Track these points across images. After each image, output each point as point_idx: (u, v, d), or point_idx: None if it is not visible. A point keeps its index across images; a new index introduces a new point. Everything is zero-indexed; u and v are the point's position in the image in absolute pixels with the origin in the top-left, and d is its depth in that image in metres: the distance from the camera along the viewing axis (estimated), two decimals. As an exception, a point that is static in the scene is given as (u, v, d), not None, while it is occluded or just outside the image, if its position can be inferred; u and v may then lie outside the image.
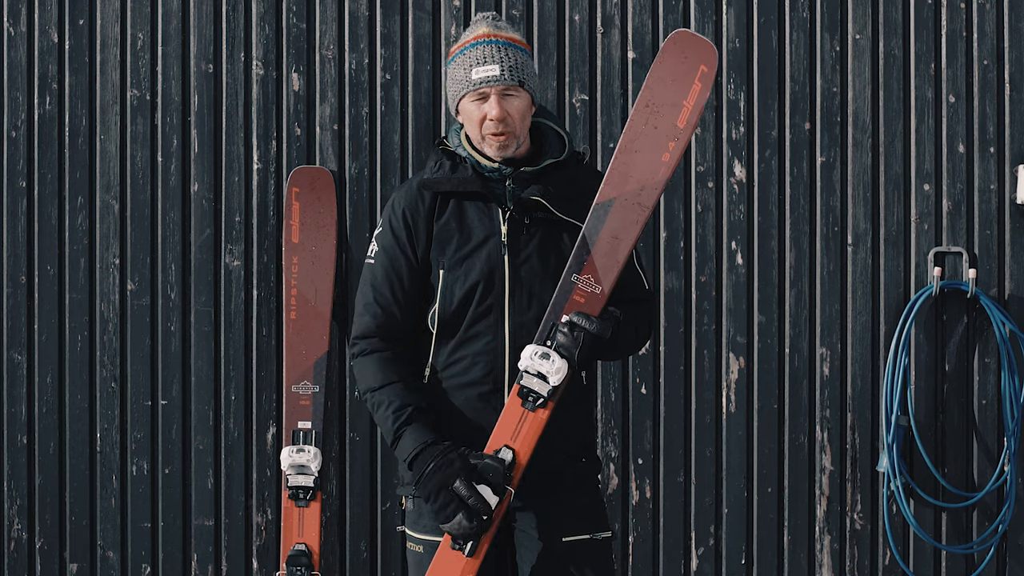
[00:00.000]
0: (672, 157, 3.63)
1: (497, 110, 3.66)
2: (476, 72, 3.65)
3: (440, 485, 3.58)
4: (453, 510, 3.57)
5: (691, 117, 3.63)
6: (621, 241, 3.63)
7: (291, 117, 5.32)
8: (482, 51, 3.66)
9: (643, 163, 3.64)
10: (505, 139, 3.69)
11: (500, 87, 3.65)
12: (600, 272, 3.64)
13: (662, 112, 3.64)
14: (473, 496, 3.57)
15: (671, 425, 5.31)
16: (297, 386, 5.23)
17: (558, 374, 3.60)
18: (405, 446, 3.65)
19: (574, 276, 3.64)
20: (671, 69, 3.65)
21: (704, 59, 3.63)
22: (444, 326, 3.73)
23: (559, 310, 3.64)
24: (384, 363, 3.73)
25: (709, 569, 5.32)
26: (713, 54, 3.64)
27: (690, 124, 3.63)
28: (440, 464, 3.59)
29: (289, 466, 5.19)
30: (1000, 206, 5.30)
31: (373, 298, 3.76)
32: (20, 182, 5.35)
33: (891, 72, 5.32)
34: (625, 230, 3.64)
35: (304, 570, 5.12)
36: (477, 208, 3.74)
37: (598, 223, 3.64)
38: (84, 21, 5.35)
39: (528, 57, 3.71)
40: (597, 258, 3.64)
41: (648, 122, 3.65)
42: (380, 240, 3.79)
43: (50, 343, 5.33)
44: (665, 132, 3.63)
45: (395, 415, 3.67)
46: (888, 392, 5.24)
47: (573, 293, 3.64)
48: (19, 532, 5.35)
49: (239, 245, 5.32)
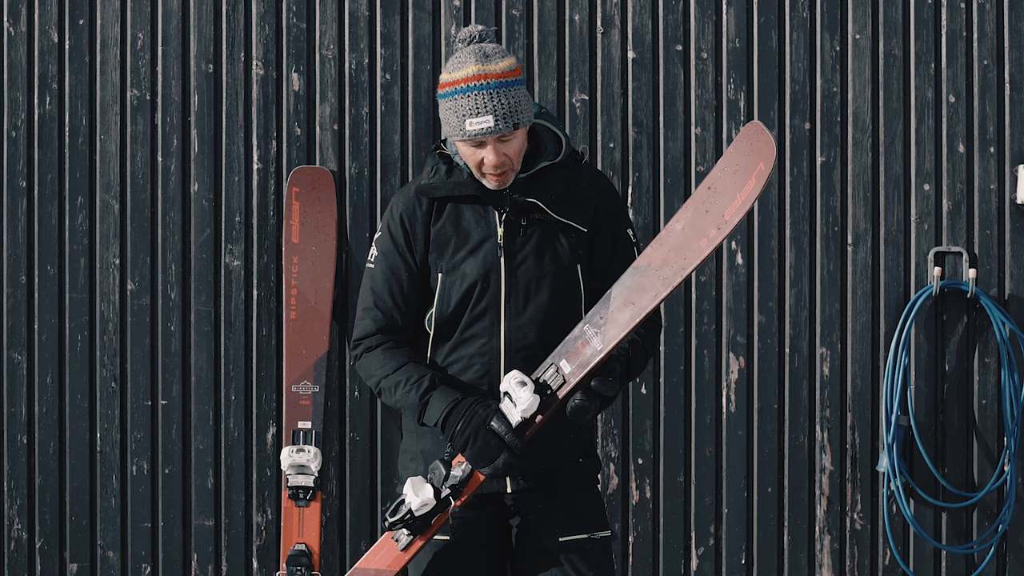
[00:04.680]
0: (708, 244, 3.55)
1: (494, 157, 3.64)
2: (470, 123, 3.61)
3: (477, 428, 3.58)
4: (496, 449, 3.57)
5: (738, 212, 3.53)
6: (635, 309, 3.59)
7: (291, 117, 5.33)
8: (474, 100, 3.61)
9: (682, 242, 3.57)
10: (504, 177, 3.69)
11: (496, 136, 3.64)
12: (608, 332, 3.61)
13: (717, 199, 3.56)
14: (509, 432, 3.57)
15: (671, 425, 5.31)
16: (297, 386, 5.24)
17: (525, 404, 3.58)
18: (435, 408, 3.65)
19: (587, 327, 3.62)
20: (737, 159, 3.56)
21: (763, 157, 3.52)
22: (441, 328, 3.73)
23: (563, 353, 3.63)
24: (392, 352, 3.75)
25: (709, 569, 5.32)
26: (772, 153, 3.51)
27: (735, 219, 3.53)
28: (473, 411, 3.60)
29: (289, 466, 5.19)
30: (1000, 206, 5.30)
31: (373, 302, 3.77)
32: (20, 182, 5.35)
33: (891, 72, 5.32)
34: (642, 300, 3.58)
35: (304, 570, 5.13)
36: (474, 211, 3.74)
37: (625, 285, 3.61)
38: (84, 21, 5.35)
39: (521, 87, 3.65)
40: (611, 318, 3.60)
41: (703, 205, 3.57)
42: (379, 245, 3.80)
43: (50, 343, 5.34)
44: (713, 219, 3.55)
45: (417, 386, 3.67)
46: (888, 392, 5.24)
47: (580, 342, 3.63)
48: (19, 532, 5.35)
49: (239, 245, 5.33)
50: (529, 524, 3.74)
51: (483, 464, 3.59)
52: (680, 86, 5.32)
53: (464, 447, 3.61)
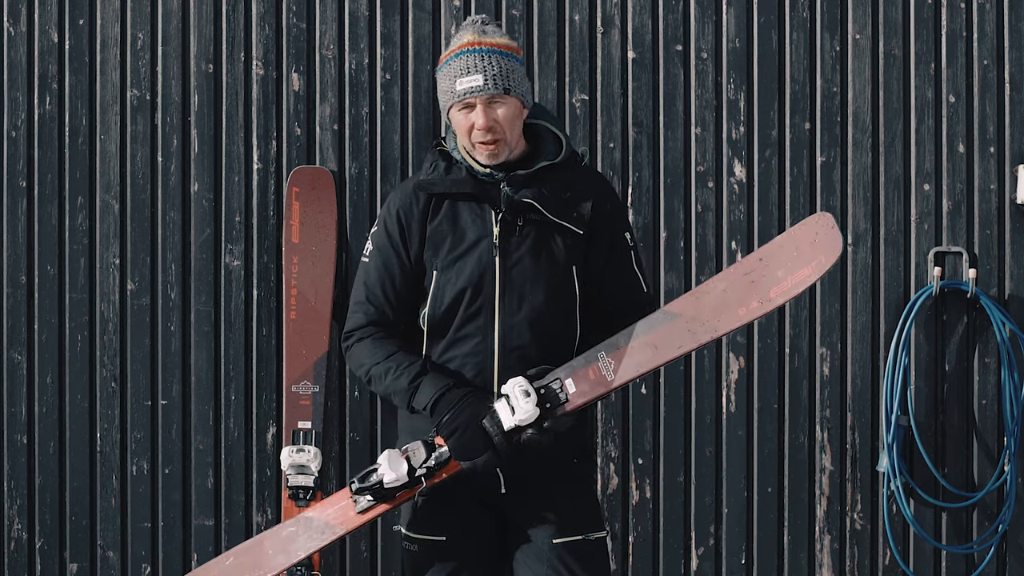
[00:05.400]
0: (746, 315, 3.55)
1: (483, 119, 3.65)
2: (460, 83, 3.65)
3: (468, 421, 3.59)
4: (481, 448, 3.59)
5: (784, 294, 3.53)
6: (657, 353, 3.58)
7: (291, 117, 5.33)
8: (466, 61, 3.65)
9: (720, 305, 3.57)
10: (495, 147, 3.68)
11: (485, 96, 3.65)
12: (623, 366, 3.60)
13: (767, 274, 3.56)
14: (499, 434, 3.59)
15: (671, 425, 5.31)
16: (297, 386, 5.24)
17: (524, 415, 3.59)
18: (425, 392, 3.65)
19: (601, 353, 3.62)
20: (799, 243, 3.55)
21: (827, 253, 3.51)
22: (435, 327, 3.73)
23: (571, 371, 3.64)
24: (381, 341, 3.75)
25: (709, 569, 5.32)
26: (837, 253, 3.51)
27: (779, 299, 3.54)
28: (467, 402, 3.61)
29: (289, 466, 5.19)
30: (1000, 206, 5.30)
31: (365, 296, 3.78)
32: (20, 182, 5.35)
33: (891, 72, 5.31)
34: (665, 347, 3.58)
35: (304, 570, 5.13)
36: (471, 210, 3.74)
37: (653, 325, 3.60)
38: (84, 21, 5.35)
39: (516, 62, 3.69)
40: (629, 353, 3.60)
41: (750, 274, 3.57)
42: (375, 239, 3.80)
43: (50, 343, 5.34)
44: (757, 292, 3.55)
45: (407, 371, 3.68)
46: (888, 392, 5.24)
47: (591, 366, 3.62)
48: (19, 532, 5.36)
49: (239, 245, 5.33)
50: (524, 525, 3.74)
51: (464, 458, 3.61)
52: (680, 86, 5.32)
53: (450, 436, 3.61)
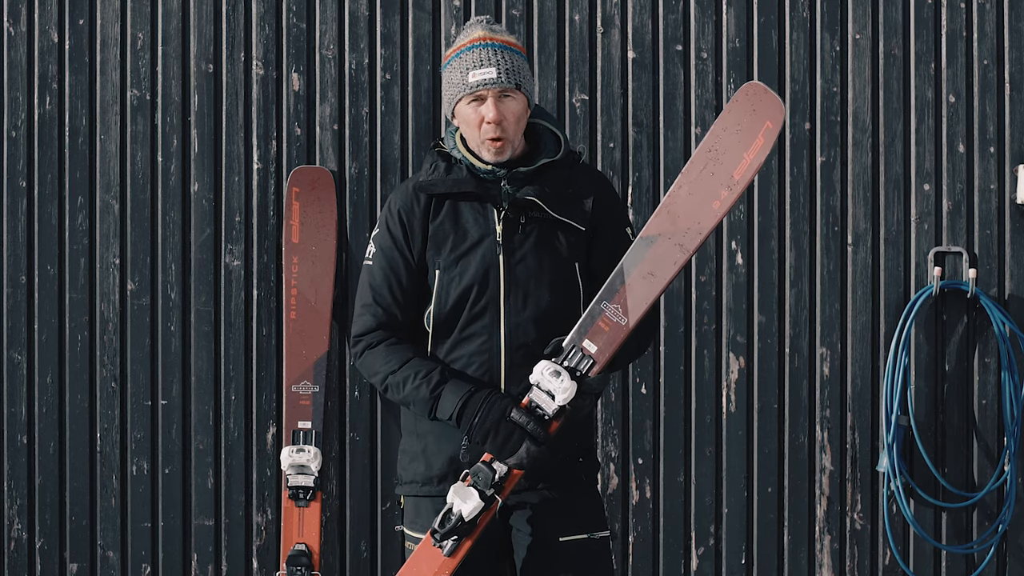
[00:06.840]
0: (722, 206, 3.58)
1: (494, 112, 3.66)
2: (472, 75, 3.66)
3: (497, 420, 3.59)
4: (518, 440, 3.58)
5: (748, 171, 3.57)
6: (656, 279, 3.60)
7: (291, 117, 5.33)
8: (478, 54, 3.67)
9: (693, 207, 3.60)
10: (502, 145, 3.70)
11: (497, 90, 3.66)
12: (629, 305, 3.61)
13: (722, 160, 3.59)
14: (532, 422, 3.57)
15: (671, 425, 5.31)
16: (297, 386, 5.24)
17: (565, 393, 3.59)
18: (448, 400, 3.64)
19: (604, 303, 3.63)
20: (738, 119, 3.59)
21: (771, 116, 3.57)
22: (440, 326, 3.73)
23: (584, 333, 3.63)
24: (395, 347, 3.74)
25: (709, 569, 5.32)
26: (781, 112, 3.59)
27: (746, 178, 3.58)
28: (490, 403, 3.60)
29: (289, 466, 5.19)
30: (1000, 206, 5.30)
31: (372, 299, 3.77)
32: (20, 182, 5.35)
33: (891, 72, 5.32)
34: (662, 269, 3.60)
35: (304, 570, 5.13)
36: (472, 209, 3.74)
37: (638, 256, 3.61)
38: (84, 21, 5.35)
39: (524, 60, 3.72)
40: (630, 290, 3.61)
41: (707, 167, 3.60)
42: (377, 241, 3.80)
43: (50, 343, 5.34)
44: (721, 180, 3.59)
45: (427, 380, 3.66)
46: (888, 392, 5.24)
47: (599, 319, 3.63)
48: (19, 532, 5.35)
49: (239, 245, 5.33)
50: (528, 524, 3.74)
51: (507, 455, 3.59)
52: (680, 86, 5.32)
53: (484, 439, 3.60)
